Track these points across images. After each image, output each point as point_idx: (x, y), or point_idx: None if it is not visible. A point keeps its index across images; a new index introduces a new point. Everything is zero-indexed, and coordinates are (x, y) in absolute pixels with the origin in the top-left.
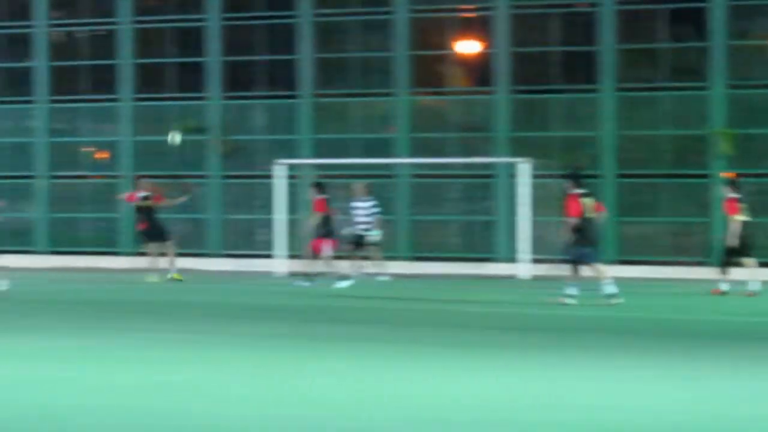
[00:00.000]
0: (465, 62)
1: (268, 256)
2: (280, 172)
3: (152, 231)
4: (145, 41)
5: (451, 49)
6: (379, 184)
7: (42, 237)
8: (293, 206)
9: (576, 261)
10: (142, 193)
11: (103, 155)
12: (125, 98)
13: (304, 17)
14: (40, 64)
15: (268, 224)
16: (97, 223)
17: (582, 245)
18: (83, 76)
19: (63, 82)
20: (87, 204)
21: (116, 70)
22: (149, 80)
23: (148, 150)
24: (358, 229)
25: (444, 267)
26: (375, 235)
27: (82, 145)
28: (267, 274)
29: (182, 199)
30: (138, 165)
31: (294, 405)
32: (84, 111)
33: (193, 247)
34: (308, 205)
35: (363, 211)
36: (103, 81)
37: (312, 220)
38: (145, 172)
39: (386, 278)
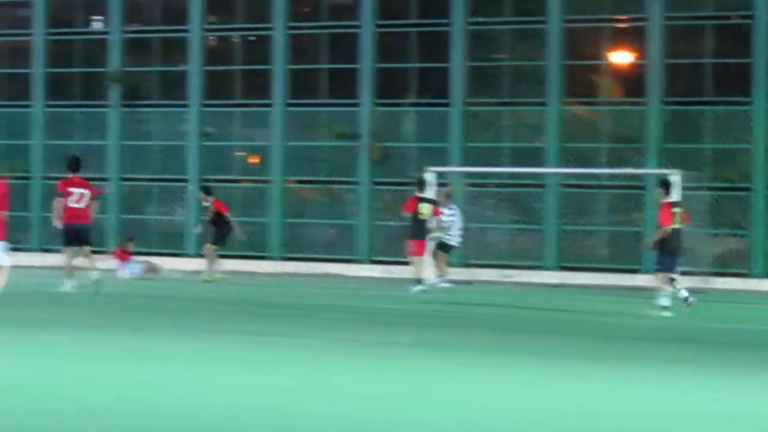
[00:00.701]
0: (617, 72)
1: None
2: (429, 179)
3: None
4: (299, 47)
5: (603, 59)
6: (527, 194)
7: (191, 239)
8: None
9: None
10: (205, 204)
11: (253, 160)
12: (277, 103)
13: (457, 25)
14: (193, 68)
15: None
16: (245, 227)
17: (663, 253)
18: (236, 80)
19: (216, 87)
20: (237, 207)
21: (269, 75)
22: (301, 86)
23: (298, 155)
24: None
25: (591, 277)
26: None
27: (233, 149)
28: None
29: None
30: (288, 170)
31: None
32: (236, 115)
33: (341, 252)
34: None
35: (444, 218)
36: (256, 86)
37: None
38: (295, 177)
39: (447, 285)
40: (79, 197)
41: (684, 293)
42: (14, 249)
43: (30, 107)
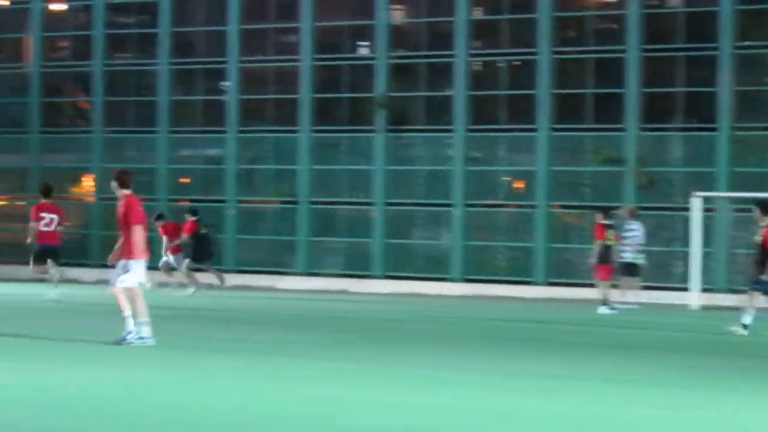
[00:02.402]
0: None
1: (683, 289)
2: (696, 204)
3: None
4: (564, 71)
5: None
6: None
7: (456, 265)
8: (709, 239)
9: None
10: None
11: (518, 184)
12: (542, 128)
13: (724, 49)
14: (458, 92)
15: (683, 257)
16: (511, 251)
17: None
18: (501, 105)
19: (481, 111)
20: (501, 232)
21: (534, 100)
22: (566, 110)
23: (563, 180)
24: (625, 255)
25: None
26: (636, 258)
27: (498, 174)
28: (681, 307)
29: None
30: (553, 195)
31: None
32: (500, 140)
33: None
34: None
35: (626, 233)
36: (521, 110)
37: (594, 247)
38: (560, 202)
39: (634, 307)
40: (49, 221)
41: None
42: (281, 272)
43: (297, 132)
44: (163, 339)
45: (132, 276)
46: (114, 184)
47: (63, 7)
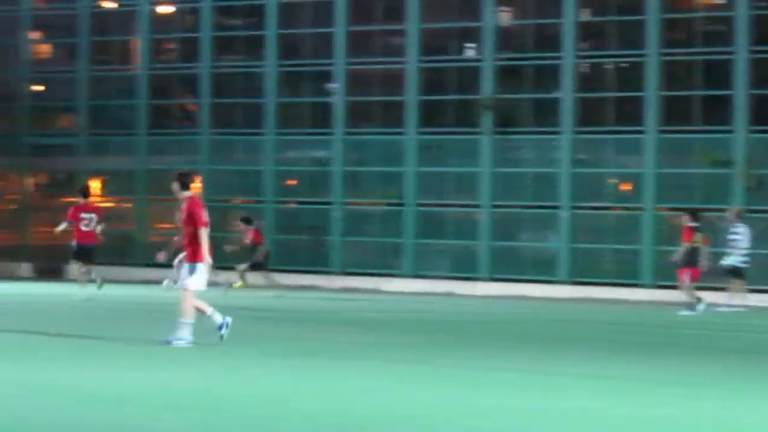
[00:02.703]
0: None
1: None
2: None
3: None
4: (672, 73)
5: None
6: None
7: (563, 267)
8: None
9: None
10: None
11: (625, 187)
12: (650, 130)
13: None
14: (565, 95)
15: None
16: (618, 254)
17: None
18: (608, 107)
19: (588, 114)
20: (609, 235)
21: (641, 102)
22: (674, 112)
23: (671, 182)
24: (730, 258)
25: None
26: (735, 261)
27: (605, 176)
28: None
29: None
30: (660, 197)
31: None
32: (608, 142)
33: (711, 280)
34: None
35: (731, 236)
36: (628, 112)
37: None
38: (668, 204)
39: (741, 310)
40: (88, 221)
41: None
42: (387, 275)
43: (403, 134)
44: (210, 339)
45: (195, 280)
46: (175, 186)
47: (170, 9)
